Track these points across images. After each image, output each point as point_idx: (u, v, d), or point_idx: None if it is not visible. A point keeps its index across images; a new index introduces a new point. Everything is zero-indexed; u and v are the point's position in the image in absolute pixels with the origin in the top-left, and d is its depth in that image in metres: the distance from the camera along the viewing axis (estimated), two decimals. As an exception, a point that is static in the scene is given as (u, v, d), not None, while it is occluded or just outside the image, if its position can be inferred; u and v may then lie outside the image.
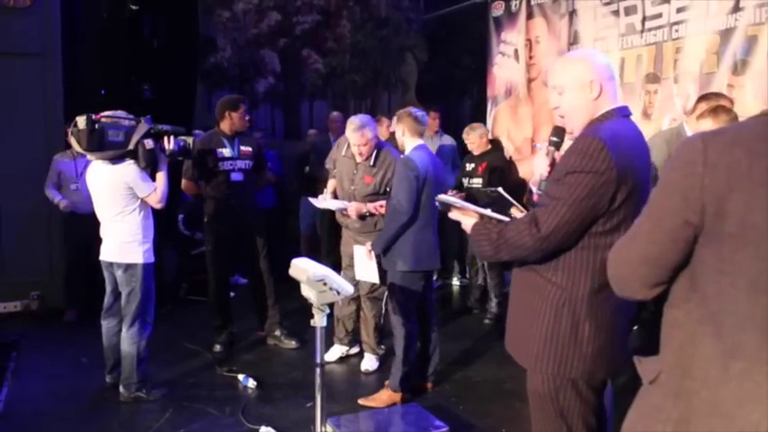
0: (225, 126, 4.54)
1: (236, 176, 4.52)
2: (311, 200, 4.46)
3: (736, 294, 1.22)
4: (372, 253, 3.80)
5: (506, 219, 2.06)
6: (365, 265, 3.90)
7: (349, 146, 4.17)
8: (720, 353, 1.25)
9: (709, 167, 1.21)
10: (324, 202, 4.29)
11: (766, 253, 1.19)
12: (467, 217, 2.13)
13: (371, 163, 4.09)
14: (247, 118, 4.60)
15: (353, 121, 4.02)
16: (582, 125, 1.99)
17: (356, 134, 3.97)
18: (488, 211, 2.09)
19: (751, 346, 1.22)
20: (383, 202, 4.03)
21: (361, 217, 4.09)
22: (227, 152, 4.50)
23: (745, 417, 1.22)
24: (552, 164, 2.09)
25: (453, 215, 2.19)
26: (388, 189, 4.02)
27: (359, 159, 4.11)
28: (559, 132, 2.12)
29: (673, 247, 1.29)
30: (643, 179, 1.89)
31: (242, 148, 4.57)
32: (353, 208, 4.05)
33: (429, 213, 3.67)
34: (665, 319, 1.36)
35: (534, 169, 2.20)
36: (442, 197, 2.27)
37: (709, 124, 3.26)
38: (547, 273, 1.95)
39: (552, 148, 2.11)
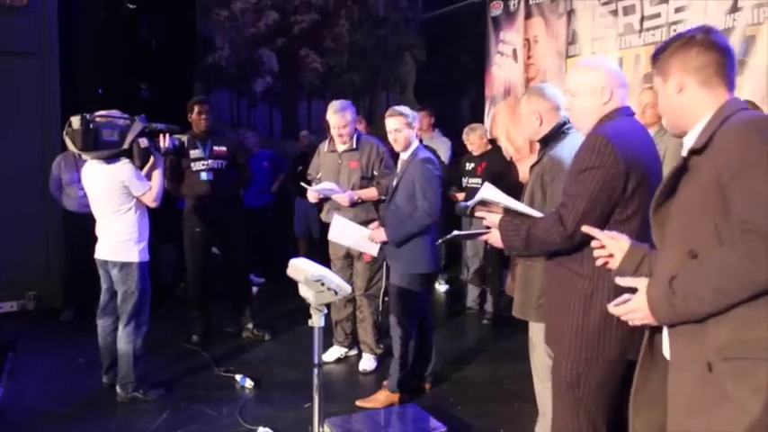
0: (193, 128, 4.69)
1: (206, 176, 4.64)
2: (308, 188, 4.29)
3: None
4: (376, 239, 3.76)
5: (539, 214, 2.22)
6: (358, 239, 3.89)
7: (331, 140, 4.26)
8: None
9: None
10: (316, 187, 4.21)
11: None
12: (492, 214, 2.28)
13: (353, 146, 4.14)
14: (203, 117, 4.64)
15: (334, 104, 4.14)
16: (590, 126, 2.16)
17: (337, 116, 4.07)
18: (529, 209, 2.25)
19: None
20: (374, 190, 4.10)
21: (353, 204, 4.10)
22: (197, 153, 4.63)
23: None
24: None
25: (480, 213, 2.33)
26: (374, 173, 4.14)
27: (340, 145, 4.16)
28: None
29: None
30: (650, 169, 2.04)
31: (215, 148, 4.69)
32: (345, 196, 4.06)
33: None
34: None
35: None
36: (488, 194, 2.31)
37: None
38: (573, 265, 2.09)
39: None
